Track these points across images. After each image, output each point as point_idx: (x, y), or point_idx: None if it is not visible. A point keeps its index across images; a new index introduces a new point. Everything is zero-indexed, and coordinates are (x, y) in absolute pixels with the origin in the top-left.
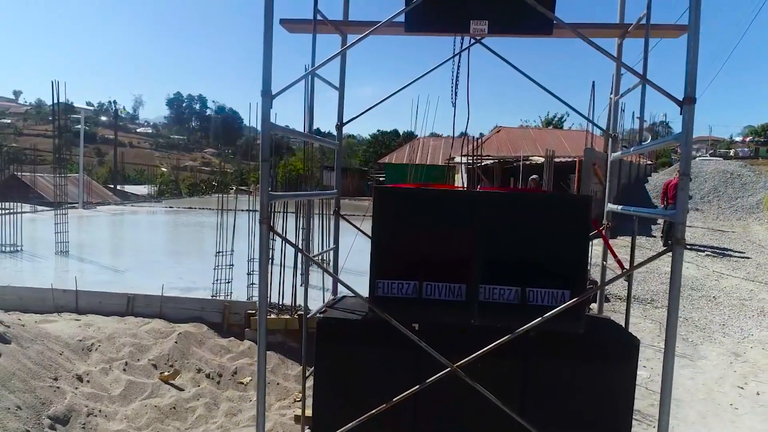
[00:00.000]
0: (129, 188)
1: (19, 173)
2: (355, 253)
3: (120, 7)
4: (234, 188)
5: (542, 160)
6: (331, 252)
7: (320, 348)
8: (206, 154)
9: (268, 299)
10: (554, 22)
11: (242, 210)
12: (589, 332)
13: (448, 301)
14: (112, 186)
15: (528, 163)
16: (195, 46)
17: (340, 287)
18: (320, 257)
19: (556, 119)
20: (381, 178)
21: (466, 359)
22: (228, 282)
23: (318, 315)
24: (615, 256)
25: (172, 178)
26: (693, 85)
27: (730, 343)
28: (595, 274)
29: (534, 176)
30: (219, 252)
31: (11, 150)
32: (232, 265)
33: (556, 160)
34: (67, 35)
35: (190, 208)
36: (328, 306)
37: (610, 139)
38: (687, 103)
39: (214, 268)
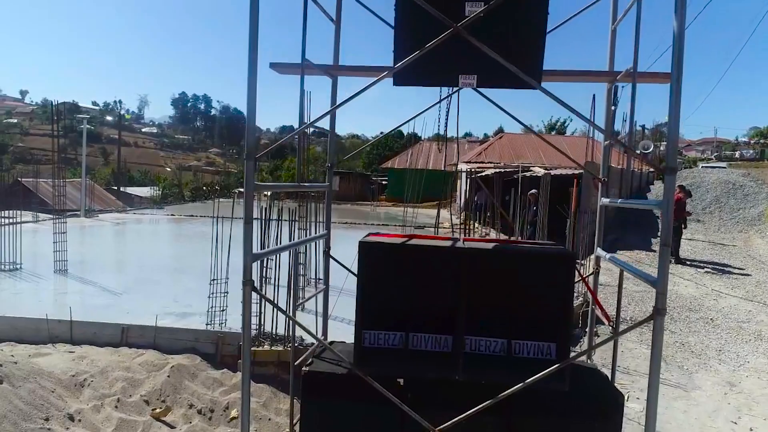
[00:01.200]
0: (133, 190)
1: (23, 179)
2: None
3: (125, 7)
4: (236, 192)
5: (542, 172)
6: (322, 293)
7: (306, 403)
8: (211, 154)
9: (261, 327)
10: (543, 71)
11: (241, 218)
12: (573, 387)
13: (435, 352)
14: (116, 188)
15: (528, 174)
16: (200, 46)
17: (329, 328)
18: (312, 277)
19: (559, 124)
20: (383, 182)
21: (448, 423)
22: (223, 310)
23: (304, 368)
24: (601, 308)
25: (175, 182)
26: (674, 156)
27: (726, 372)
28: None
29: (533, 191)
30: (213, 279)
31: (17, 150)
32: (227, 292)
33: (556, 172)
34: (73, 34)
35: (192, 216)
36: (315, 356)
37: (601, 184)
38: (668, 173)
39: (209, 296)
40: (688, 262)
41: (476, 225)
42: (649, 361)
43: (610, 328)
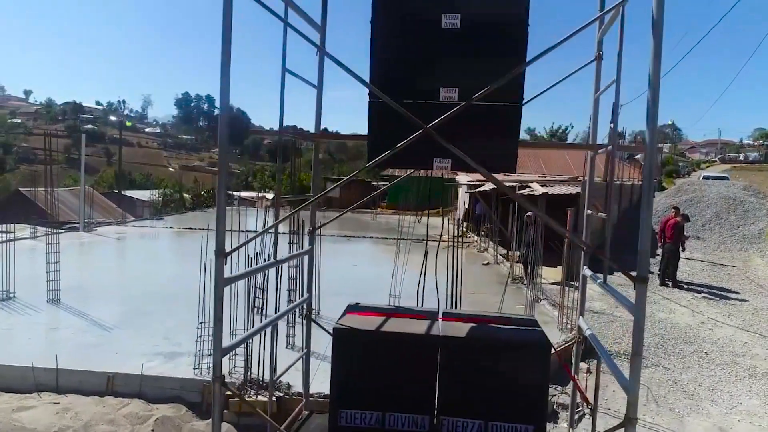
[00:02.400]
0: (134, 193)
1: (22, 188)
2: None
3: (129, 7)
4: (237, 198)
5: (541, 190)
6: (303, 358)
7: None
8: (214, 154)
9: (248, 372)
10: (528, 143)
11: (241, 231)
12: None
13: (411, 431)
14: (117, 191)
15: (527, 192)
16: (203, 47)
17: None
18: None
19: (560, 131)
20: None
21: None
22: (210, 354)
23: None
24: (581, 392)
25: (176, 189)
26: (646, 266)
27: (718, 414)
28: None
29: (529, 213)
30: (201, 322)
31: (21, 150)
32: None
33: (554, 191)
34: (77, 34)
35: (191, 228)
36: (295, 431)
37: (583, 252)
38: (639, 282)
39: (196, 340)
40: (686, 286)
41: (475, 237)
42: None
43: (588, 410)
